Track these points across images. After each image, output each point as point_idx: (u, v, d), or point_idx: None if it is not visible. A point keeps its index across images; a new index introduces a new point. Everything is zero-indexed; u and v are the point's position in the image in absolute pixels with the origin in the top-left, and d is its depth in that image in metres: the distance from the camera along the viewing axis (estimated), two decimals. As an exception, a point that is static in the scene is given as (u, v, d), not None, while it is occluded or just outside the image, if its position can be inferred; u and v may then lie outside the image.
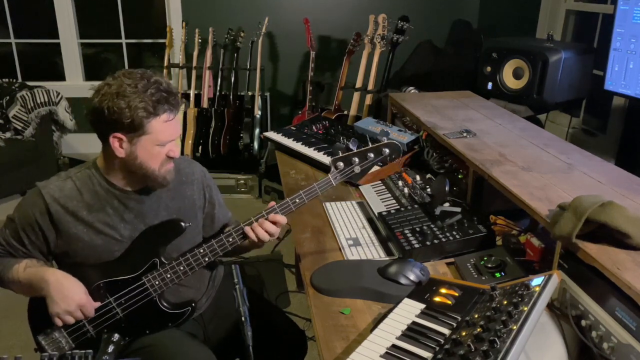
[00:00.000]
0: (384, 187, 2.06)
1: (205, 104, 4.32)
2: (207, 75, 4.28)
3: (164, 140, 1.41)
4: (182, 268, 1.48)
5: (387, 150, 1.55)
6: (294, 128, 2.66)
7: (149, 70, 1.43)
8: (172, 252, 1.53)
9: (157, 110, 1.36)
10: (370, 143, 1.54)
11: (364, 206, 1.95)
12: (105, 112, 1.34)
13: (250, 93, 4.30)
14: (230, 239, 1.48)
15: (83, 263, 1.47)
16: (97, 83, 1.40)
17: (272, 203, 1.51)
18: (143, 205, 1.51)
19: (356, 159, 1.54)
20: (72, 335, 1.47)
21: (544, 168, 1.72)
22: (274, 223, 1.49)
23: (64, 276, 1.43)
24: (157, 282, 1.47)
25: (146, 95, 1.35)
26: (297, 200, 1.50)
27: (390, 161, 1.58)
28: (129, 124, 1.35)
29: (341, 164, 1.53)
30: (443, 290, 1.34)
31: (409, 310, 1.29)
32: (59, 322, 1.42)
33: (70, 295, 1.40)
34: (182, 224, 1.50)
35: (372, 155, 1.54)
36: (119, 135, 1.38)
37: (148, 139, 1.38)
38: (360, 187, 2.10)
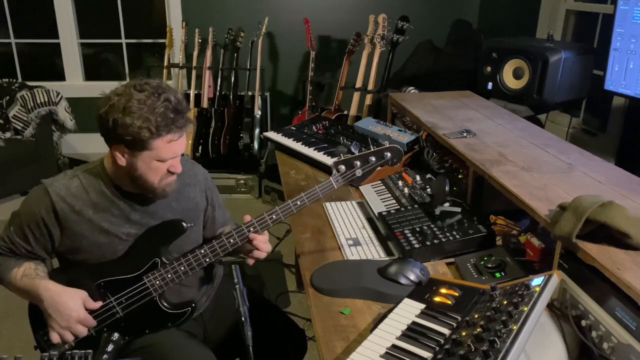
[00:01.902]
0: (384, 187, 2.06)
1: (205, 104, 4.32)
2: (207, 75, 4.29)
3: (165, 157, 1.39)
4: (182, 268, 1.48)
5: (388, 154, 1.56)
6: (294, 128, 2.66)
7: (163, 84, 1.40)
8: (174, 252, 1.53)
9: (160, 131, 1.34)
10: (371, 144, 1.54)
11: (364, 206, 1.95)
12: (110, 124, 1.34)
13: (250, 93, 4.30)
14: (232, 240, 1.48)
15: (86, 261, 1.47)
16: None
17: (248, 217, 1.50)
18: (149, 206, 1.51)
19: (358, 162, 1.54)
20: (72, 333, 1.47)
21: (544, 168, 1.72)
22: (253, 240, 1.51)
23: (57, 293, 1.41)
24: (157, 282, 1.47)
25: (153, 114, 1.33)
26: (299, 203, 1.50)
27: (392, 165, 1.58)
28: (131, 140, 1.34)
29: (343, 167, 1.53)
30: (443, 290, 1.34)
31: (409, 310, 1.29)
32: (57, 339, 1.41)
33: (66, 312, 1.40)
34: (184, 224, 1.50)
35: (373, 158, 1.55)
36: (120, 147, 1.38)
37: (149, 154, 1.37)
38: (360, 187, 2.10)
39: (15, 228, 1.47)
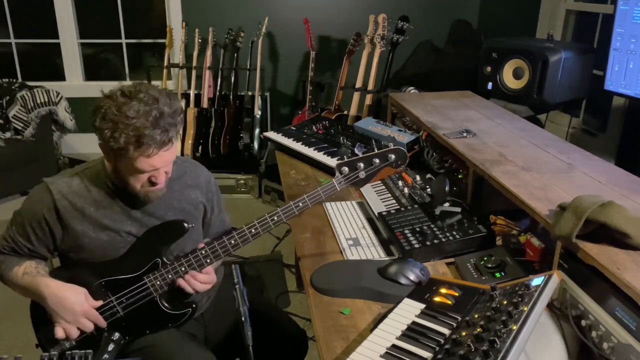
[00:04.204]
0: (384, 187, 2.06)
1: (205, 104, 4.32)
2: (207, 75, 4.29)
3: (141, 169, 1.36)
4: (183, 269, 1.48)
5: (393, 156, 1.54)
6: (294, 128, 2.66)
7: (159, 93, 1.34)
8: (175, 252, 1.53)
9: (128, 146, 1.30)
10: (374, 145, 1.53)
11: (364, 206, 1.95)
12: (93, 124, 1.34)
13: (250, 93, 4.30)
14: (233, 241, 1.48)
15: (87, 260, 1.47)
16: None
17: (201, 245, 1.49)
18: (149, 205, 1.51)
19: (361, 164, 1.52)
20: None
21: (544, 168, 1.72)
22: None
23: (58, 288, 1.41)
24: (158, 283, 1.47)
25: (126, 126, 1.28)
26: (300, 204, 1.49)
27: (396, 167, 1.57)
28: (104, 145, 1.34)
29: (346, 169, 1.52)
30: (443, 290, 1.34)
31: (409, 310, 1.29)
32: (61, 334, 1.41)
33: (70, 307, 1.40)
34: (185, 224, 1.50)
35: (377, 160, 1.53)
36: (104, 148, 1.38)
37: (126, 162, 1.36)
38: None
39: (17, 227, 1.47)
